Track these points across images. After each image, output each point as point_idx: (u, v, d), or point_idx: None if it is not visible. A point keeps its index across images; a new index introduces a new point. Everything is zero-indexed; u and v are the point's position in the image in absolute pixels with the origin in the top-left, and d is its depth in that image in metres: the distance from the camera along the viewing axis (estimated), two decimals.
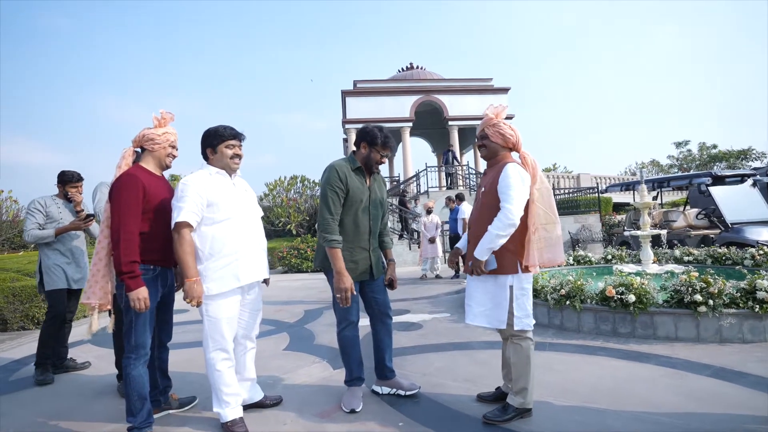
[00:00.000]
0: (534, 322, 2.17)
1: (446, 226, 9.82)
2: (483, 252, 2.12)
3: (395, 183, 18.88)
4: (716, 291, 3.28)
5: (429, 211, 8.43)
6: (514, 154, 2.30)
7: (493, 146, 2.29)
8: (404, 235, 11.89)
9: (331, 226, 2.34)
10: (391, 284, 2.64)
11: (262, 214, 2.56)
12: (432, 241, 8.20)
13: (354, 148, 2.57)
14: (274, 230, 15.75)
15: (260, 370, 3.26)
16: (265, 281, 2.59)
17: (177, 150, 2.42)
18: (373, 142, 2.45)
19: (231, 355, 2.26)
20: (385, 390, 2.63)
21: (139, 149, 2.37)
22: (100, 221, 2.91)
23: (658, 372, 2.76)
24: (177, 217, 2.08)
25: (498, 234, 2.07)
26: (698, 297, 3.28)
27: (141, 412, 2.17)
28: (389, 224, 12.89)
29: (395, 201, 12.77)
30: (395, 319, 4.85)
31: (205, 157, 2.31)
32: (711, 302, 3.25)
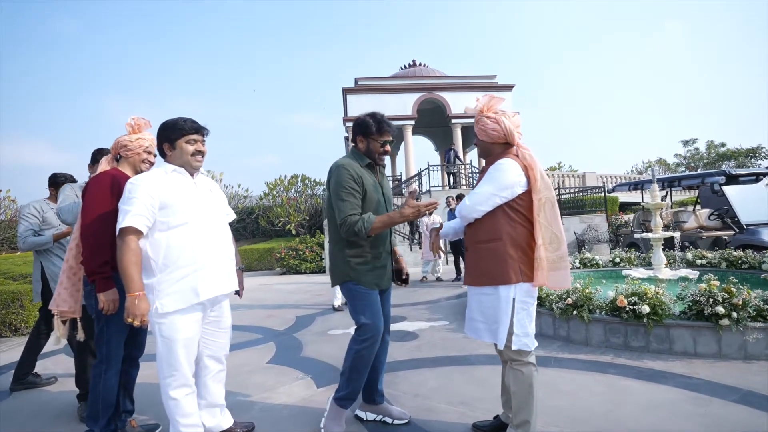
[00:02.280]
0: (536, 344, 1.87)
1: None
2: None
3: (398, 182, 18.61)
4: (740, 302, 2.96)
5: (430, 213, 8.13)
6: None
7: (482, 144, 2.04)
8: (409, 237, 11.60)
9: (356, 219, 2.03)
10: (407, 278, 2.41)
11: (233, 217, 2.28)
12: None
13: (352, 145, 2.30)
14: (274, 230, 15.53)
15: (239, 387, 3.01)
16: (237, 293, 2.31)
17: (153, 155, 2.29)
18: (367, 131, 2.17)
19: (189, 381, 1.96)
20: (371, 416, 2.35)
21: (118, 156, 2.31)
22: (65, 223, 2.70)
23: (678, 395, 2.46)
24: (122, 221, 1.80)
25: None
26: (720, 309, 2.96)
27: (103, 418, 2.06)
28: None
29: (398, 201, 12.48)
30: (391, 327, 4.56)
31: (163, 154, 2.04)
32: (735, 315, 2.94)
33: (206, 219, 2.00)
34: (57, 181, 3.27)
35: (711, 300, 3.04)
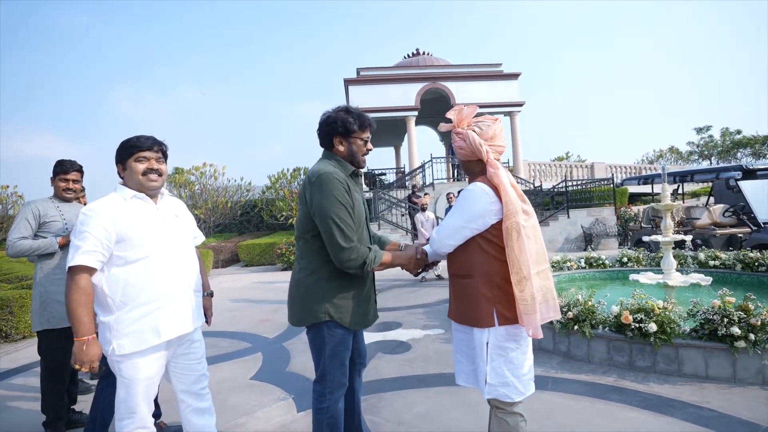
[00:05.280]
0: (520, 396, 1.63)
1: None
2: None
3: (401, 174, 18.29)
4: (759, 323, 2.70)
5: (424, 209, 7.89)
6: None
7: (461, 163, 1.80)
8: (412, 231, 11.36)
9: (358, 249, 1.70)
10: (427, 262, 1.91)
11: (201, 240, 2.11)
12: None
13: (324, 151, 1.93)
14: (277, 224, 15.45)
15: (217, 408, 2.84)
16: (206, 321, 2.11)
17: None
18: (347, 130, 1.81)
19: (147, 423, 1.80)
20: None
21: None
22: (7, 247, 2.48)
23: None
24: (72, 259, 1.62)
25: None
26: (736, 329, 2.71)
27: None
28: (395, 219, 12.38)
29: (396, 195, 12.22)
30: (384, 336, 4.39)
31: (121, 177, 1.86)
32: (752, 336, 2.68)
33: (169, 250, 1.82)
34: None
35: (725, 320, 2.78)
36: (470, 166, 1.75)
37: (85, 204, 3.22)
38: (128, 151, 1.80)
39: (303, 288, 1.80)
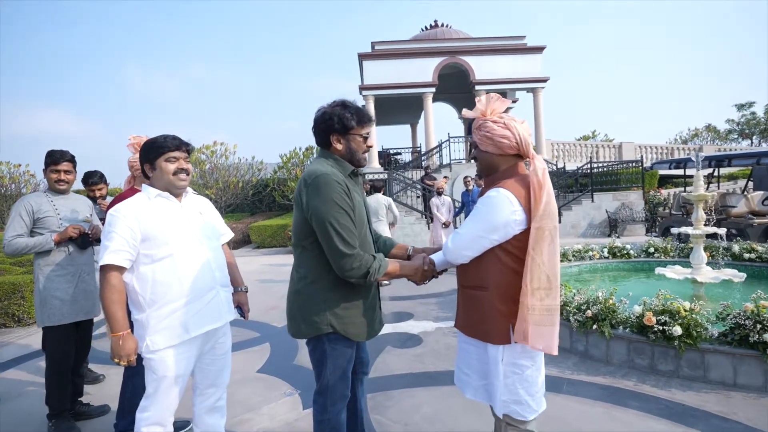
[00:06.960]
0: (533, 414, 1.53)
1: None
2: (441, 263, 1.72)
3: (417, 153, 17.94)
4: None
5: (440, 193, 7.70)
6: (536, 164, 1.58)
7: (486, 157, 1.60)
8: (427, 214, 11.20)
9: (361, 257, 1.58)
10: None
11: (230, 236, 2.12)
12: (446, 225, 7.51)
13: (319, 149, 1.80)
14: (290, 204, 15.48)
15: None
16: (242, 315, 2.11)
17: None
18: (345, 126, 1.67)
19: (166, 421, 1.82)
20: None
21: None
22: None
23: None
24: (101, 258, 1.69)
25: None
26: None
27: (129, 416, 2.10)
28: (410, 201, 12.21)
29: (413, 176, 11.99)
30: (394, 327, 4.34)
31: (146, 177, 1.88)
32: None
33: (194, 248, 1.84)
34: (87, 182, 3.06)
35: (759, 326, 2.57)
36: (495, 162, 1.57)
37: (104, 196, 3.22)
38: (157, 151, 1.82)
39: (303, 298, 1.68)
